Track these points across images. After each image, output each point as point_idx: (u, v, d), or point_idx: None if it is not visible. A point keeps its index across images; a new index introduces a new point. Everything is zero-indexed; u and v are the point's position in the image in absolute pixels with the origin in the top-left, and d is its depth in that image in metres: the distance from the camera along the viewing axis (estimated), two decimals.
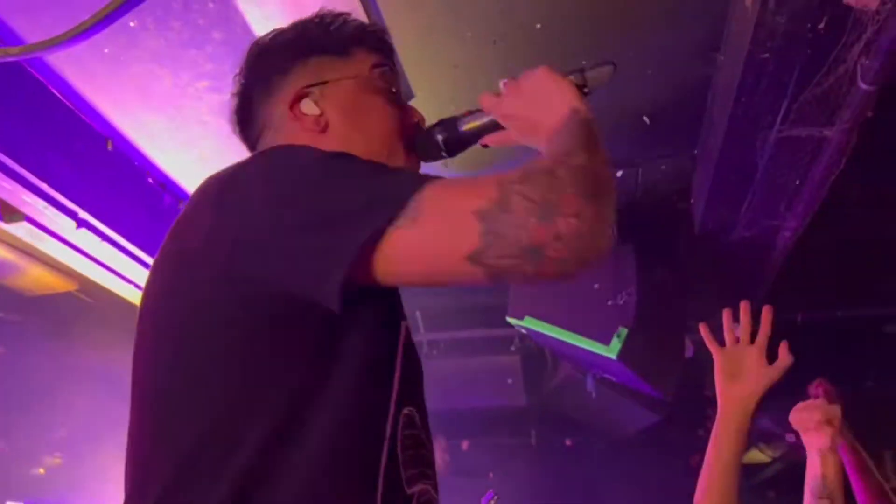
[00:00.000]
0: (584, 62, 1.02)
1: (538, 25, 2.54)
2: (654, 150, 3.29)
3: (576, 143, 0.86)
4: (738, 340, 1.47)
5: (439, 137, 1.07)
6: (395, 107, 1.09)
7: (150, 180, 3.50)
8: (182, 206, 3.50)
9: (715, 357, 1.48)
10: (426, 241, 0.77)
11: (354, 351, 0.84)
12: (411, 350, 0.96)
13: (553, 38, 2.63)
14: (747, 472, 8.93)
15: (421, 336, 5.02)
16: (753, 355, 1.45)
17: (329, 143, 0.97)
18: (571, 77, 1.01)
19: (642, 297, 3.60)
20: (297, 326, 0.82)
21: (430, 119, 1.15)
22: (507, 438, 5.78)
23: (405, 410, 0.89)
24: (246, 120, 1.11)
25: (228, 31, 2.66)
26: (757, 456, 7.98)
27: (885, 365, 5.33)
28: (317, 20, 1.10)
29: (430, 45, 2.69)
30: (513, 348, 4.77)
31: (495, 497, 4.23)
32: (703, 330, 1.49)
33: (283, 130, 1.06)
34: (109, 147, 3.25)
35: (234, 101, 1.12)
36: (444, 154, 1.08)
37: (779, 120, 2.58)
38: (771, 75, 2.41)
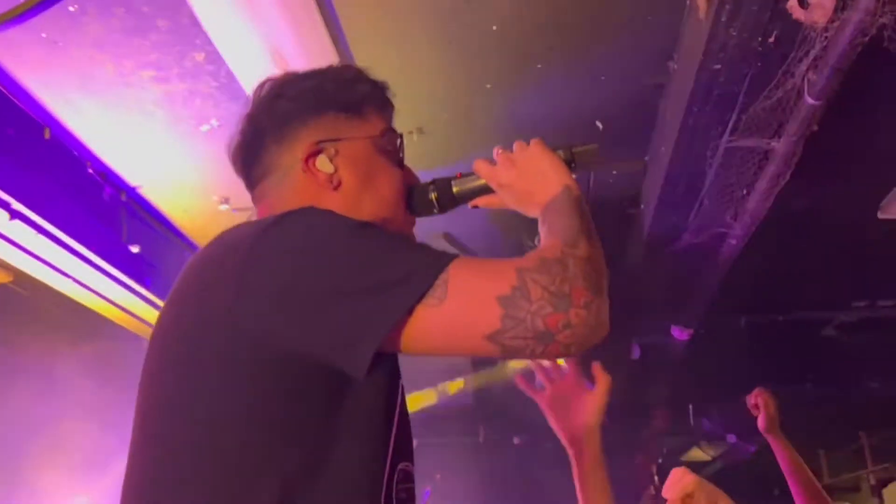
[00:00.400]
0: (570, 143, 1.13)
1: (494, 27, 2.52)
2: (606, 154, 3.30)
3: (576, 229, 0.95)
4: (552, 379, 1.40)
5: (433, 196, 1.13)
6: (398, 167, 1.13)
7: (90, 171, 3.37)
8: (125, 199, 3.34)
9: (540, 405, 1.42)
10: (453, 321, 0.84)
11: (363, 411, 0.90)
12: (405, 406, 1.01)
13: (509, 41, 2.61)
14: (693, 469, 9.12)
15: None
16: (571, 387, 1.39)
17: (339, 202, 1.03)
18: (560, 152, 1.09)
19: None
20: (315, 388, 0.87)
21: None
22: (455, 437, 5.78)
23: (400, 466, 0.94)
24: (251, 159, 1.10)
25: (174, 21, 2.56)
26: (698, 454, 8.18)
27: (823, 367, 5.51)
28: (334, 74, 1.14)
29: (387, 51, 2.65)
30: None
31: (430, 497, 4.22)
32: (520, 382, 1.42)
33: (292, 179, 1.06)
34: (47, 136, 3.11)
35: (240, 139, 1.11)
36: (435, 211, 1.14)
37: (728, 130, 2.62)
38: (722, 86, 2.44)
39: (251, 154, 1.10)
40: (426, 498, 4.15)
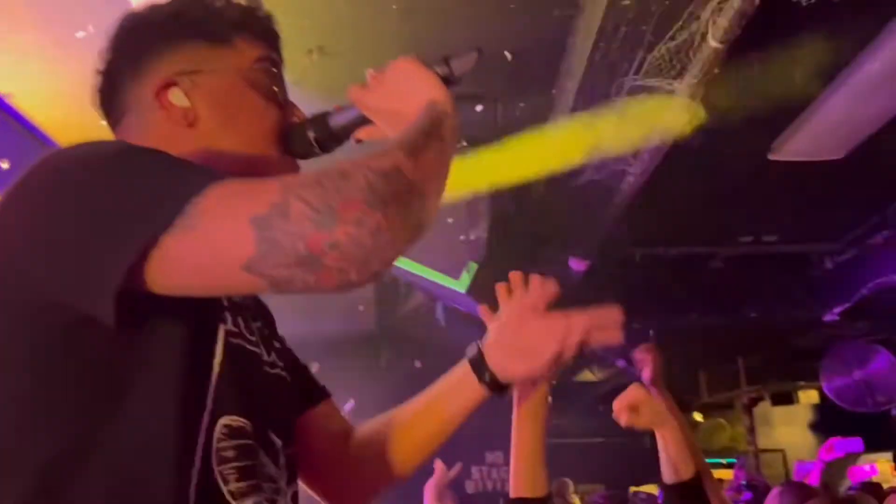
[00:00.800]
0: (447, 54, 0.99)
1: None
2: (513, 87, 3.25)
3: (403, 138, 0.81)
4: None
5: (311, 136, 1.00)
6: (273, 105, 0.99)
7: None
8: None
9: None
10: (200, 251, 0.71)
11: (148, 365, 0.78)
12: (243, 356, 0.88)
13: None
14: (582, 390, 9.63)
15: None
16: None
17: (194, 141, 0.93)
18: (436, 68, 0.97)
19: (494, 232, 3.64)
20: (79, 341, 0.76)
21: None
22: (357, 361, 5.81)
23: (224, 420, 0.82)
24: (109, 100, 0.99)
25: None
26: (588, 376, 8.61)
27: (708, 298, 5.82)
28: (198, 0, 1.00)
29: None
30: None
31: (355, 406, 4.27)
32: (483, 311, 1.36)
33: (147, 118, 0.96)
34: None
35: (99, 78, 0.99)
36: (316, 152, 1.01)
37: (633, 69, 2.61)
38: (630, 24, 2.41)
39: (108, 94, 0.99)
40: (349, 408, 4.19)
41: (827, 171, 3.82)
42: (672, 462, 1.77)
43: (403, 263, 3.70)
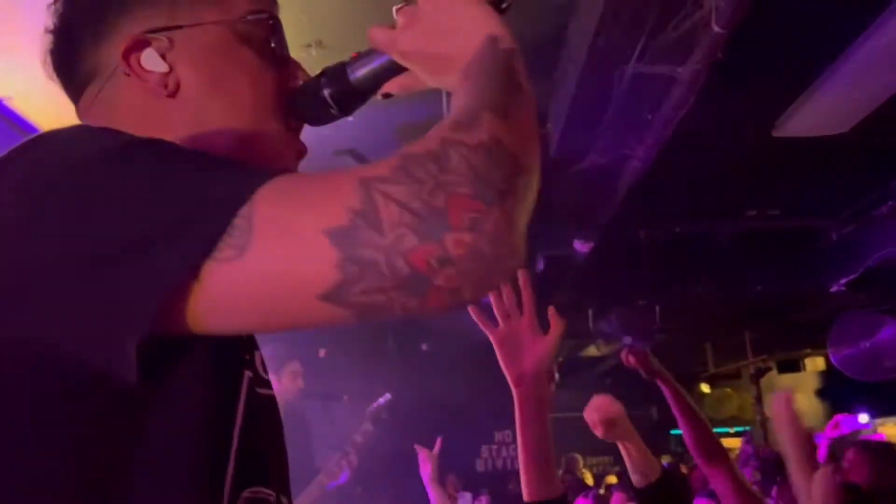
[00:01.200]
0: None
1: None
2: None
3: (483, 96, 0.62)
4: (508, 316, 1.35)
5: (326, 93, 0.79)
6: (272, 64, 0.79)
7: None
8: None
9: (492, 340, 1.36)
10: (258, 281, 0.54)
11: (167, 425, 0.61)
12: (262, 409, 0.71)
13: None
14: (590, 365, 9.69)
15: None
16: (526, 329, 1.33)
17: (177, 113, 0.74)
18: None
19: None
20: (83, 398, 0.58)
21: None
22: (364, 346, 5.84)
23: (245, 494, 0.67)
24: (67, 64, 0.79)
25: None
26: (593, 352, 8.65)
27: (713, 273, 5.82)
28: None
29: None
30: None
31: (384, 405, 4.28)
32: (474, 312, 1.35)
33: (113, 87, 0.76)
34: None
35: (50, 38, 0.79)
36: (334, 113, 0.80)
37: (636, 55, 2.58)
38: (632, 9, 2.39)
39: (65, 57, 0.79)
40: (384, 401, 4.19)
41: (831, 146, 3.81)
42: (640, 469, 1.83)
43: None
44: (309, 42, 2.93)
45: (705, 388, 9.70)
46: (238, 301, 0.55)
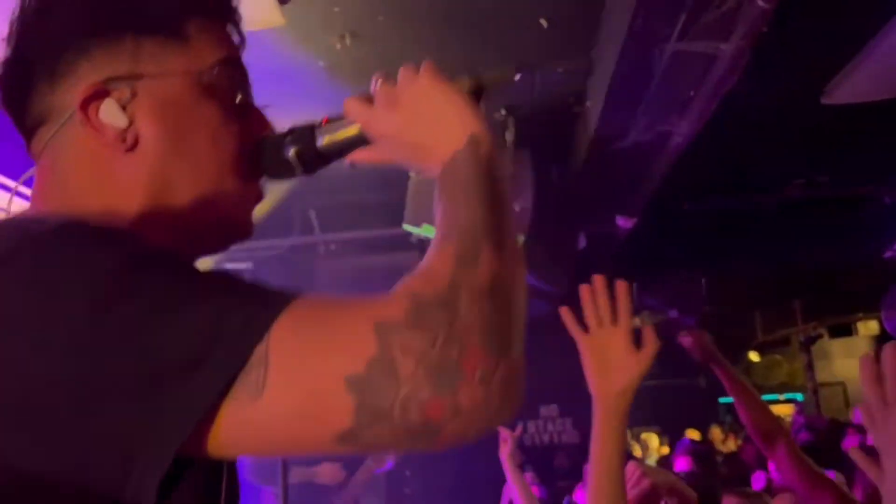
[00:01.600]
0: (479, 69, 0.79)
1: None
2: (551, 53, 3.16)
3: (477, 217, 0.64)
4: (601, 324, 1.29)
5: (290, 152, 0.78)
6: (235, 115, 0.76)
7: None
8: None
9: (580, 346, 1.30)
10: (280, 421, 0.55)
11: None
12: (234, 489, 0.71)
13: None
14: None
15: (316, 237, 4.90)
16: (619, 342, 1.26)
17: (135, 170, 0.70)
18: (466, 80, 0.77)
19: (538, 201, 3.60)
20: None
21: None
22: None
23: None
24: (18, 100, 0.73)
25: None
26: (636, 323, 8.58)
27: (761, 243, 5.71)
28: None
29: None
30: (411, 245, 4.73)
31: None
32: (566, 315, 1.29)
33: (68, 134, 0.71)
34: None
35: (3, 69, 0.74)
36: (298, 173, 0.80)
37: (676, 32, 2.51)
38: None
39: (18, 93, 0.73)
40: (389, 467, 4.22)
41: (881, 111, 3.67)
42: None
43: None
44: (342, 33, 2.91)
45: (754, 356, 9.55)
46: (256, 438, 0.56)
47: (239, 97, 0.76)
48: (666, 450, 7.30)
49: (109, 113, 0.69)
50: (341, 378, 0.54)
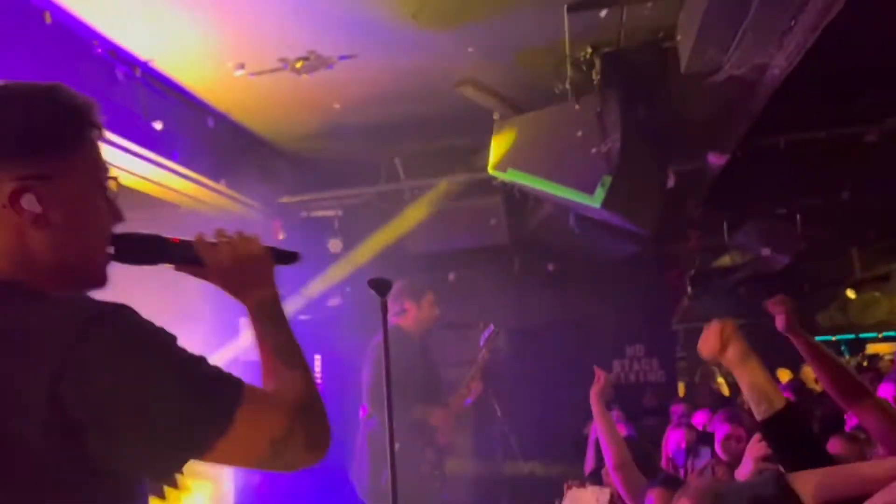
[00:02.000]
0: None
1: None
2: None
3: (295, 354, 1.19)
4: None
5: (141, 250, 1.18)
6: (110, 208, 1.12)
7: (99, 51, 3.24)
8: (139, 75, 3.20)
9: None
10: (236, 450, 1.05)
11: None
12: None
13: None
14: (722, 274, 9.37)
15: (401, 183, 4.97)
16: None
17: (44, 239, 1.03)
18: (279, 253, 1.30)
19: (627, 140, 3.54)
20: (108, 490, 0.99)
21: None
22: (490, 269, 5.93)
23: None
24: None
25: None
26: (726, 261, 8.36)
27: (859, 176, 5.41)
28: (50, 104, 1.06)
29: None
30: (494, 189, 4.74)
31: (495, 331, 4.43)
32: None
33: None
34: (48, 20, 2.96)
35: None
36: (142, 263, 1.19)
37: None
38: None
39: None
40: (489, 333, 4.37)
41: None
42: (764, 394, 1.78)
43: (537, 183, 3.69)
44: (413, 12, 2.92)
45: (851, 293, 9.19)
46: (228, 457, 1.06)
47: (113, 196, 1.12)
48: None
49: (28, 203, 1.02)
50: (269, 439, 1.07)
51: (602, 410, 3.03)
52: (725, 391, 7.77)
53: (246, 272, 1.22)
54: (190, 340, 1.05)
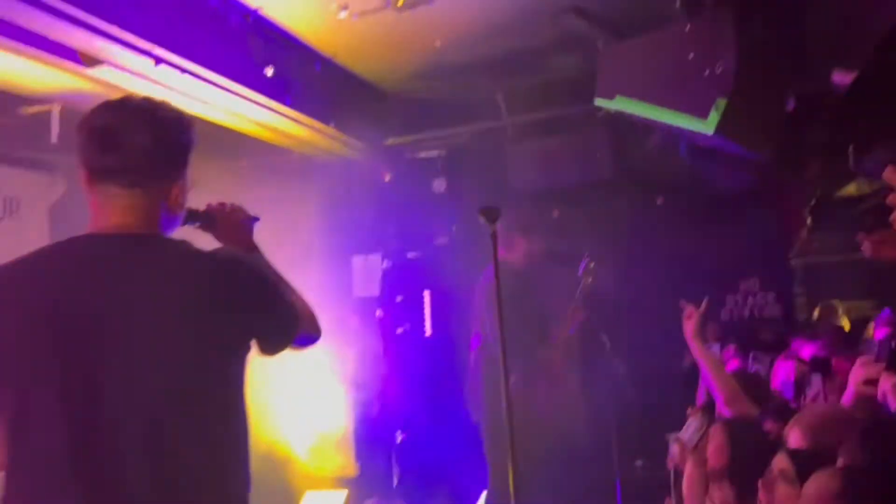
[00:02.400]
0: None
1: None
2: None
3: (286, 284, 1.83)
4: None
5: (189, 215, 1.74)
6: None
7: (212, 1, 3.37)
8: (250, 23, 3.32)
9: None
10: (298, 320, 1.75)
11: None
12: None
13: None
14: (849, 204, 8.80)
15: (503, 120, 4.93)
16: None
17: (166, 215, 1.63)
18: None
19: (742, 60, 3.36)
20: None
21: None
22: (596, 204, 5.84)
23: None
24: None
25: None
26: (853, 190, 7.83)
27: None
28: (193, 129, 1.64)
29: None
30: (596, 122, 4.62)
31: (590, 263, 4.41)
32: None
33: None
34: None
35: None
36: (184, 223, 1.74)
37: None
38: None
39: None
40: (584, 266, 4.37)
41: None
42: None
43: (646, 110, 3.58)
44: None
45: None
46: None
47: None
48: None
49: (176, 196, 1.61)
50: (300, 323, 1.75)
51: (702, 348, 2.94)
52: (846, 326, 7.41)
53: (237, 231, 1.85)
54: None
